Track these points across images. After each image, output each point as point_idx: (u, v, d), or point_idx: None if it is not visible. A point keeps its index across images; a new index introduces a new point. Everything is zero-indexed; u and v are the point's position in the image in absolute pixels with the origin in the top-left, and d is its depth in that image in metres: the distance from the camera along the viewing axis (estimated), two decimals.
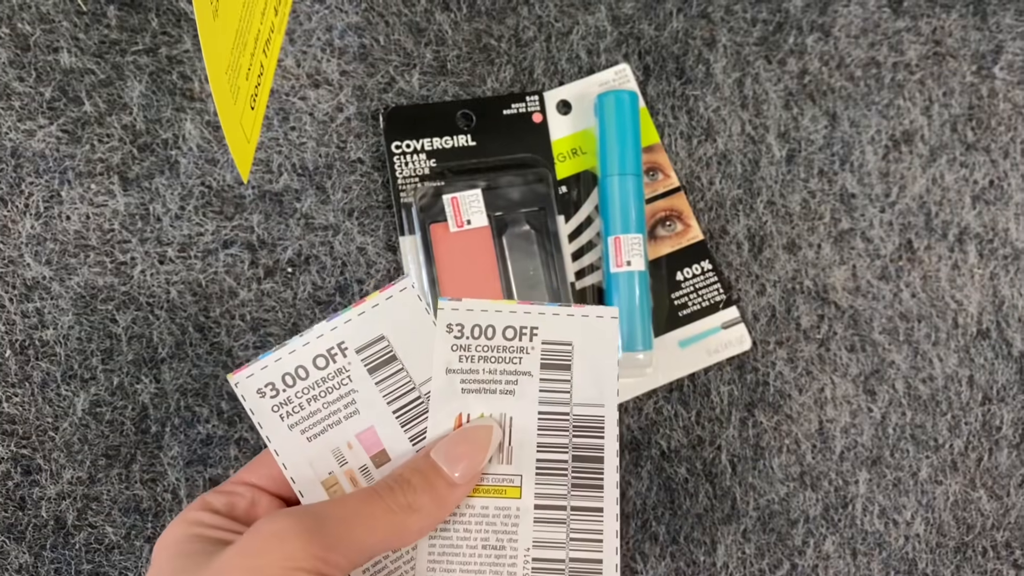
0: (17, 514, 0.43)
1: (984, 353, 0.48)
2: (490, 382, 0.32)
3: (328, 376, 0.32)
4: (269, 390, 0.32)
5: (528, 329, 0.32)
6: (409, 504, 0.30)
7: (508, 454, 0.32)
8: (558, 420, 0.32)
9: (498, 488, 0.32)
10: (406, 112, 0.46)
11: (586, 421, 0.32)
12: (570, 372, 0.32)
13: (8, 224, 0.44)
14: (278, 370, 0.32)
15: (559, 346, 0.32)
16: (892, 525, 0.47)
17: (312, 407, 0.32)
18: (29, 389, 0.43)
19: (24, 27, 0.45)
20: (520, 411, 0.32)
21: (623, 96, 0.46)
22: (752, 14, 0.49)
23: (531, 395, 0.32)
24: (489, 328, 0.32)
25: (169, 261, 0.45)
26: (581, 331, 0.32)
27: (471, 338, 0.32)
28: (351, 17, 0.47)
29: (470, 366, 0.32)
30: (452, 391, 0.32)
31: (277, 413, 0.32)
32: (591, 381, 0.32)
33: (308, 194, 0.46)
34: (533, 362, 0.32)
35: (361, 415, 0.32)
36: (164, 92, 0.46)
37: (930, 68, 0.50)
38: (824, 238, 0.48)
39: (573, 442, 0.32)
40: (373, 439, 0.32)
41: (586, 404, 0.32)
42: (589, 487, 0.32)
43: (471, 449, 0.31)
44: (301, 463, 0.32)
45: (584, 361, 0.32)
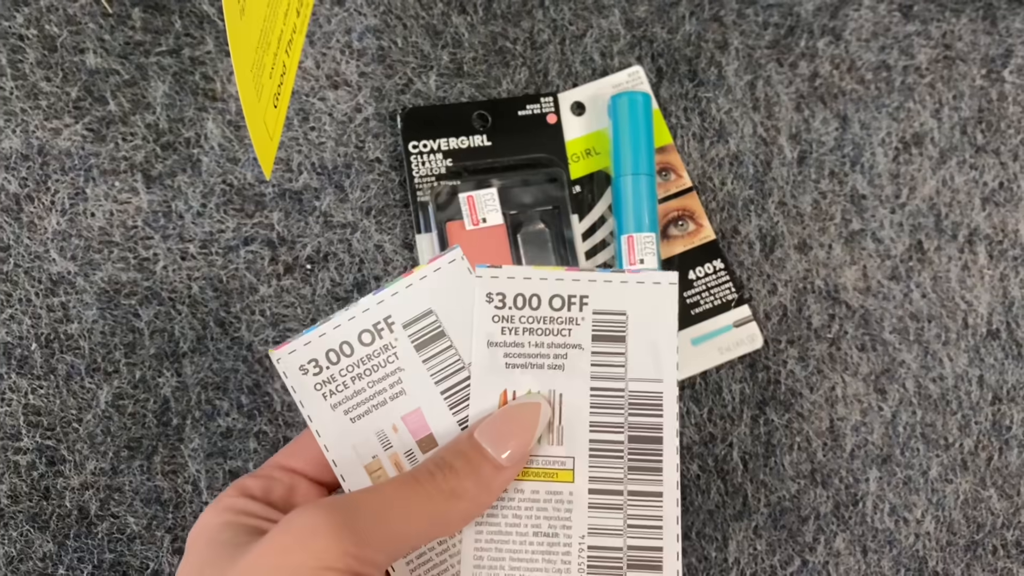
0: (42, 504, 0.43)
1: (994, 353, 0.49)
2: (537, 356, 0.30)
3: (374, 353, 0.30)
4: (312, 367, 0.30)
5: (577, 298, 0.30)
6: (452, 490, 0.28)
7: (559, 434, 0.30)
8: (612, 397, 0.30)
9: (549, 471, 0.30)
10: (423, 113, 0.47)
11: (643, 398, 0.30)
12: (625, 344, 0.30)
13: (35, 220, 0.45)
14: (322, 346, 0.30)
15: (612, 316, 0.30)
16: (902, 523, 0.47)
17: (356, 386, 0.30)
18: (54, 381, 0.44)
19: (51, 29, 0.46)
20: (571, 387, 0.30)
21: (636, 97, 0.46)
22: (764, 18, 0.50)
23: (582, 370, 0.30)
24: (534, 297, 0.30)
25: (191, 257, 0.46)
26: (636, 299, 0.30)
27: (514, 308, 0.30)
28: (370, 20, 0.48)
29: (514, 339, 0.30)
30: (495, 366, 0.30)
31: (320, 392, 0.30)
32: (648, 354, 0.30)
33: (327, 193, 0.47)
34: (584, 334, 0.30)
35: (408, 396, 0.30)
36: (187, 92, 0.47)
37: (940, 71, 0.51)
38: (835, 238, 0.49)
39: (629, 421, 0.30)
40: (420, 422, 0.30)
41: (643, 379, 0.30)
42: (647, 470, 0.30)
43: (518, 428, 0.29)
44: (343, 445, 0.30)
45: (640, 332, 0.30)
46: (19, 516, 0.43)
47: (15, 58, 0.46)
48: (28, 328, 0.44)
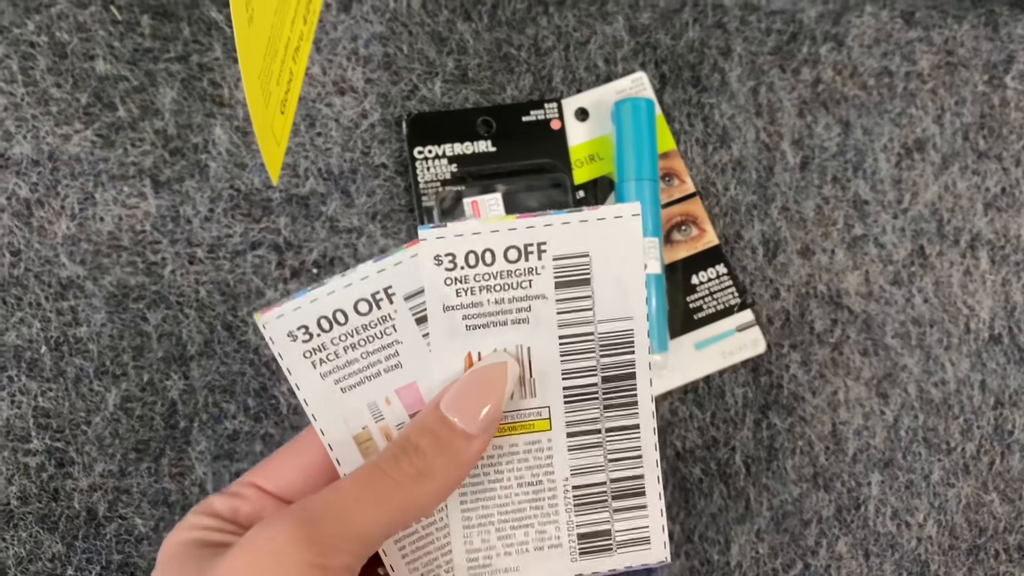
0: (51, 505, 0.44)
1: (996, 358, 0.49)
2: (498, 313, 0.29)
3: (371, 323, 0.28)
4: (301, 333, 0.28)
5: (535, 246, 0.28)
6: (420, 471, 0.27)
7: (531, 386, 0.29)
8: (582, 342, 0.29)
9: (525, 424, 0.29)
10: (428, 119, 0.48)
11: (614, 338, 0.29)
12: (590, 287, 0.29)
13: (44, 225, 0.46)
14: (314, 312, 0.28)
15: (574, 259, 0.29)
16: (904, 527, 0.47)
17: (349, 356, 0.29)
18: (63, 384, 0.45)
19: (62, 36, 0.47)
20: (538, 339, 0.29)
21: (640, 103, 0.47)
22: (767, 24, 0.51)
23: (548, 320, 0.29)
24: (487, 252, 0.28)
25: (199, 262, 0.46)
26: (598, 237, 0.28)
27: (467, 267, 0.28)
28: (376, 27, 0.49)
29: (471, 299, 0.28)
30: (455, 330, 0.28)
31: (309, 360, 0.28)
32: (615, 292, 0.29)
33: (333, 198, 0.47)
34: (546, 283, 0.28)
35: (404, 369, 0.29)
36: (195, 98, 0.47)
37: (942, 78, 0.51)
38: (837, 243, 0.49)
39: (601, 362, 0.29)
40: (415, 396, 0.29)
41: (612, 319, 0.29)
42: (623, 406, 0.29)
43: (485, 392, 0.28)
44: (332, 415, 0.29)
45: (605, 271, 0.28)
46: (28, 517, 0.44)
47: (26, 65, 0.46)
48: (38, 331, 0.45)
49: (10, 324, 0.45)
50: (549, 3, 0.50)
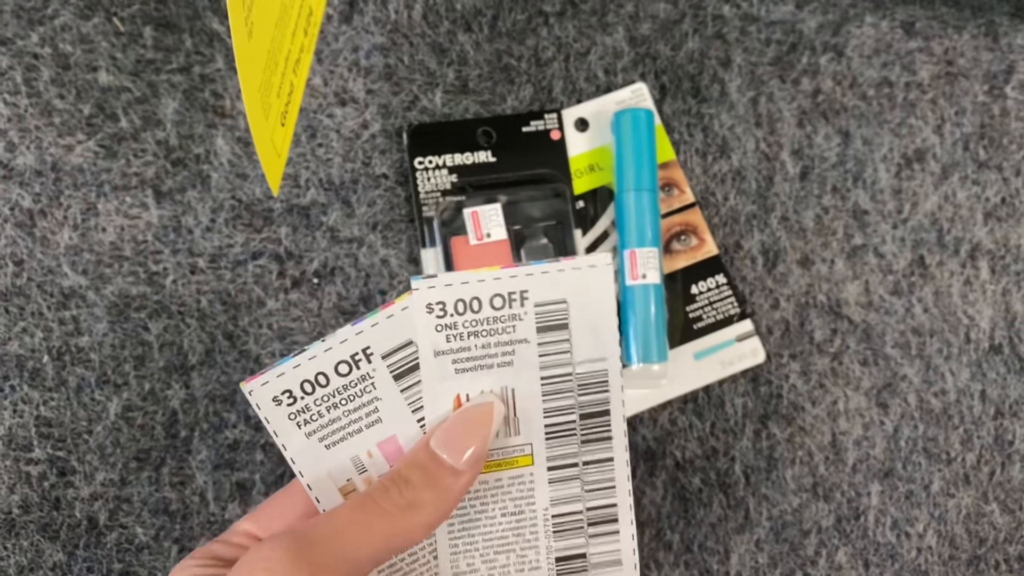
0: (52, 514, 0.44)
1: (996, 368, 0.49)
2: (485, 356, 0.31)
3: (351, 383, 0.30)
4: (286, 397, 0.30)
5: (518, 294, 0.30)
6: (409, 503, 0.28)
7: (515, 425, 0.31)
8: (562, 382, 0.31)
9: (510, 460, 0.31)
10: (429, 129, 0.48)
11: (590, 378, 0.31)
12: (568, 331, 0.31)
13: (47, 235, 0.46)
14: (297, 377, 0.30)
15: (553, 305, 0.31)
16: (904, 537, 0.47)
17: (332, 415, 0.31)
18: (65, 394, 0.45)
19: (65, 47, 0.47)
20: (521, 380, 0.31)
21: (639, 114, 0.47)
22: (766, 35, 0.51)
23: (531, 362, 0.31)
24: (474, 300, 0.30)
25: (200, 271, 0.46)
26: (574, 285, 0.31)
27: (456, 315, 0.30)
28: (377, 38, 0.49)
29: (460, 344, 0.30)
30: (445, 374, 0.30)
31: (294, 421, 0.30)
32: (591, 335, 0.31)
33: (334, 208, 0.47)
34: (528, 328, 0.31)
35: (384, 424, 0.31)
36: (197, 109, 0.48)
37: (942, 88, 0.51)
38: (837, 253, 0.49)
39: (579, 400, 0.31)
40: (394, 448, 0.31)
41: (588, 360, 0.31)
42: (598, 440, 0.32)
43: (473, 431, 0.29)
44: (318, 470, 0.31)
45: (581, 316, 0.31)
46: (30, 526, 0.44)
47: (29, 76, 0.47)
48: (40, 341, 0.45)
49: (12, 333, 0.45)
50: (549, 14, 0.50)
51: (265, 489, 0.45)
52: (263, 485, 0.45)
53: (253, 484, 0.45)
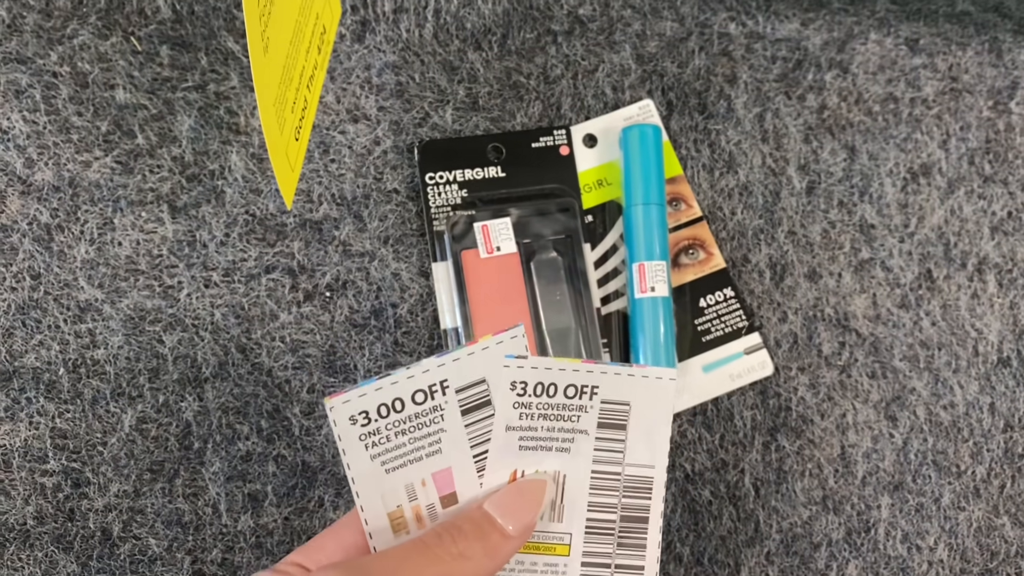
0: (66, 525, 0.44)
1: (1005, 381, 0.49)
2: (547, 439, 0.33)
3: (423, 412, 0.32)
4: (362, 418, 0.32)
5: (589, 388, 0.32)
6: (460, 552, 0.30)
7: (559, 512, 0.33)
8: (610, 480, 0.33)
9: (548, 546, 0.33)
10: (439, 145, 0.49)
11: (636, 482, 0.33)
12: (625, 432, 0.33)
13: (64, 249, 0.47)
14: (375, 399, 0.32)
15: (617, 406, 0.33)
16: (915, 550, 0.47)
17: (399, 440, 0.32)
18: (80, 406, 0.45)
19: (84, 66, 0.48)
20: (574, 469, 0.33)
21: (647, 130, 0.48)
22: (772, 52, 0.51)
23: (586, 453, 0.33)
24: (552, 386, 0.32)
25: (214, 285, 0.47)
26: (639, 391, 0.33)
27: (533, 396, 0.32)
28: (388, 56, 0.50)
29: (530, 423, 0.32)
30: (510, 448, 0.32)
31: (363, 442, 0.32)
32: (644, 442, 0.33)
33: (346, 222, 0.48)
34: (591, 421, 0.33)
35: (443, 455, 0.32)
36: (212, 126, 0.48)
37: (947, 103, 0.52)
38: (844, 267, 0.49)
39: (622, 502, 0.33)
40: (447, 480, 0.32)
41: (638, 465, 0.33)
42: (634, 546, 0.33)
43: (525, 503, 0.31)
44: (373, 491, 0.32)
45: (639, 421, 0.33)
46: (44, 537, 0.44)
47: (49, 94, 0.48)
48: (56, 354, 0.46)
49: (29, 346, 0.46)
50: (558, 33, 0.51)
51: (277, 501, 0.45)
52: (275, 496, 0.45)
53: (265, 496, 0.45)
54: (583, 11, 0.51)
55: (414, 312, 0.48)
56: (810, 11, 0.52)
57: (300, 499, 0.46)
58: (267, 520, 0.45)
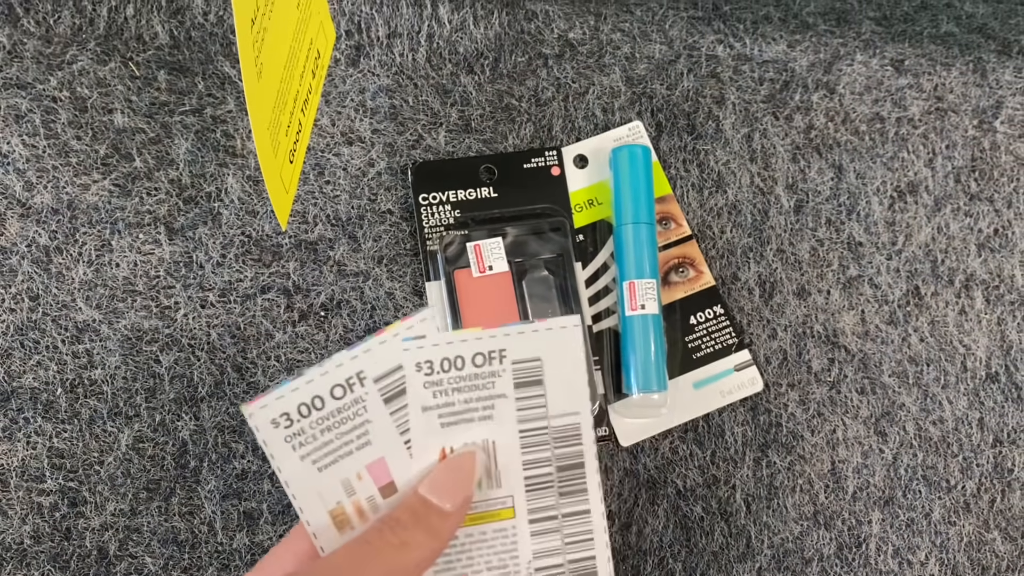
0: (63, 544, 0.45)
1: (993, 396, 0.49)
2: (467, 411, 0.33)
3: (344, 406, 0.32)
4: (283, 420, 0.32)
5: (497, 352, 0.33)
6: (402, 542, 0.30)
7: (496, 477, 0.33)
8: (539, 435, 0.33)
9: (493, 512, 0.33)
10: (433, 167, 0.49)
11: (565, 431, 0.34)
12: (543, 387, 0.33)
13: (63, 271, 0.47)
14: (294, 400, 0.32)
15: (529, 363, 0.33)
16: (906, 565, 0.48)
17: (325, 437, 0.32)
18: (77, 425, 0.46)
19: (82, 91, 0.49)
20: (501, 433, 0.33)
21: (637, 150, 0.48)
22: (759, 73, 0.52)
23: (510, 416, 0.33)
24: (458, 359, 0.33)
25: (210, 305, 0.48)
26: (547, 344, 0.33)
27: (441, 372, 0.33)
28: (382, 80, 0.51)
29: (445, 399, 0.33)
30: (431, 428, 0.33)
31: (290, 444, 0.32)
32: (564, 391, 0.33)
33: (341, 243, 0.49)
34: (506, 384, 0.33)
35: (373, 446, 0.32)
36: (208, 149, 0.49)
37: (932, 123, 0.52)
38: (833, 284, 0.50)
39: (555, 453, 0.33)
40: (383, 470, 0.32)
41: (562, 415, 0.33)
42: (575, 492, 0.34)
43: (458, 477, 0.32)
44: (310, 493, 0.32)
45: (555, 373, 0.33)
46: (41, 556, 0.45)
47: (48, 119, 0.49)
48: (54, 374, 0.46)
49: (27, 367, 0.46)
50: (548, 56, 0.52)
51: (272, 519, 0.46)
52: (270, 515, 0.46)
53: (261, 514, 0.46)
54: (573, 35, 0.52)
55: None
56: (796, 33, 0.53)
57: (295, 517, 0.46)
58: (262, 538, 0.46)
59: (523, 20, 0.52)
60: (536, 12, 0.52)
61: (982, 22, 0.56)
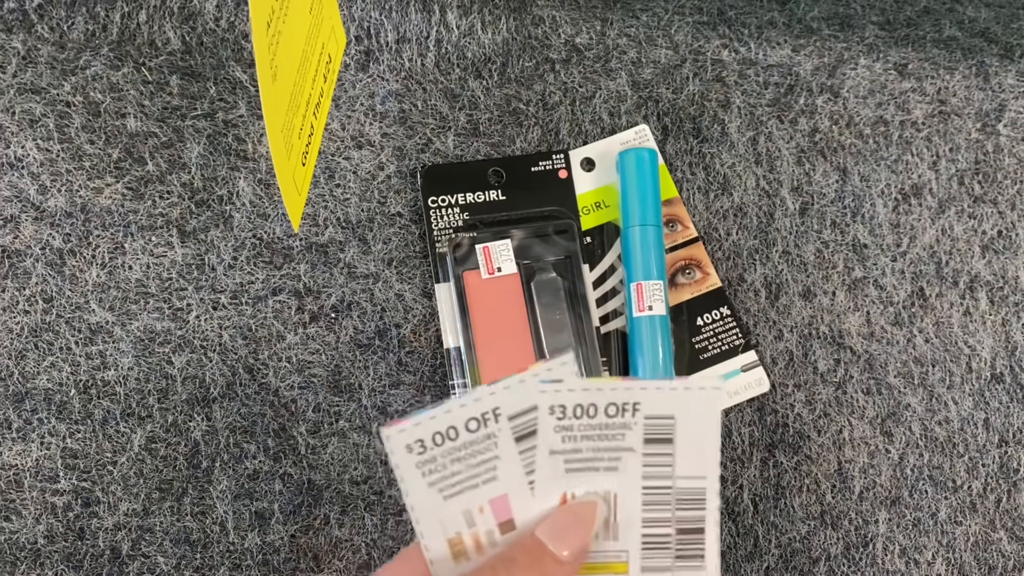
0: (76, 544, 0.45)
1: (999, 396, 0.50)
2: (593, 460, 0.32)
3: (477, 439, 0.32)
4: (417, 446, 0.32)
5: (630, 405, 0.32)
6: None
7: (614, 531, 0.32)
8: (662, 495, 0.32)
9: (605, 564, 0.33)
10: (442, 170, 0.50)
11: (689, 494, 0.33)
12: (673, 446, 0.32)
13: (76, 273, 0.48)
14: (431, 428, 0.32)
15: (662, 420, 0.32)
16: (913, 565, 0.48)
17: (455, 468, 0.32)
18: (91, 426, 0.46)
19: (96, 95, 0.50)
20: (624, 487, 0.32)
21: (643, 153, 0.49)
22: (764, 78, 0.53)
23: (635, 471, 0.32)
24: (591, 407, 0.32)
25: (222, 307, 0.48)
26: (683, 403, 0.32)
27: (573, 418, 0.32)
28: (392, 84, 0.51)
29: (573, 446, 0.32)
30: (556, 472, 0.32)
31: (420, 470, 0.32)
32: (693, 452, 0.32)
33: (351, 245, 0.49)
34: (636, 438, 0.32)
35: (498, 481, 0.32)
36: (220, 153, 0.50)
37: (936, 126, 0.53)
38: (838, 286, 0.51)
39: (676, 515, 0.33)
40: (504, 506, 0.32)
41: (689, 476, 0.32)
42: (691, 557, 0.33)
43: (577, 525, 0.31)
44: (432, 519, 0.32)
45: (686, 433, 0.32)
46: (55, 556, 0.45)
47: (62, 123, 0.49)
48: (68, 375, 0.47)
49: (41, 368, 0.47)
50: (556, 61, 0.53)
51: (284, 519, 0.46)
52: (282, 515, 0.46)
53: (272, 514, 0.46)
54: (580, 40, 0.53)
55: (417, 332, 0.49)
56: (801, 38, 0.54)
57: (306, 517, 0.46)
58: (274, 538, 0.46)
59: (530, 25, 0.53)
60: (543, 17, 0.53)
61: (984, 26, 0.57)
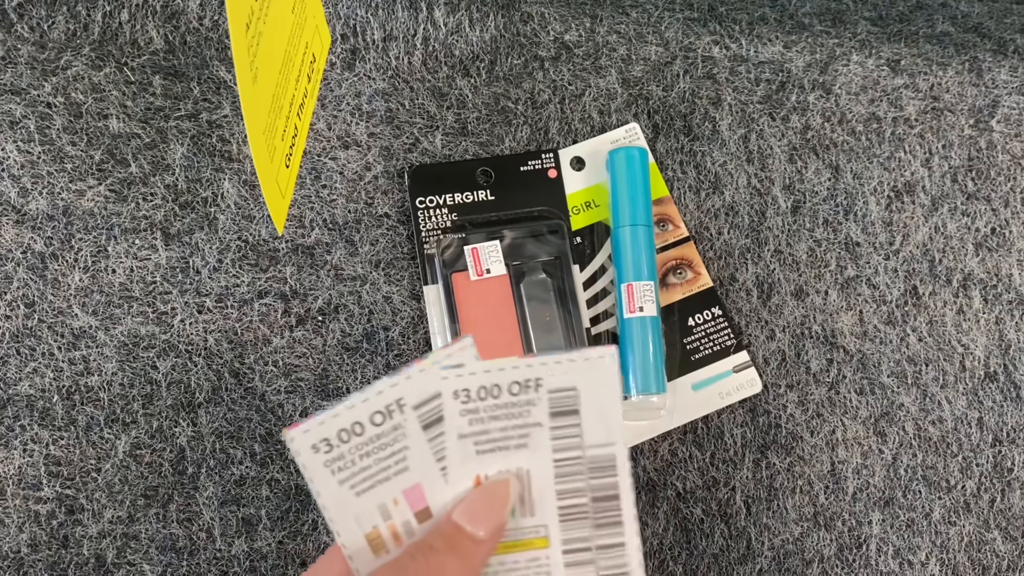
0: (60, 552, 0.45)
1: (992, 395, 0.49)
2: (503, 439, 0.33)
3: (383, 432, 0.32)
4: (323, 445, 0.32)
5: (533, 381, 0.33)
6: (434, 568, 0.30)
7: (530, 506, 0.33)
8: (573, 465, 0.33)
9: (526, 541, 0.33)
10: (429, 170, 0.49)
11: (600, 461, 0.33)
12: (579, 416, 0.33)
13: (59, 277, 0.47)
14: (335, 426, 0.32)
15: (565, 392, 0.33)
16: (907, 565, 0.47)
17: (363, 463, 0.32)
18: (74, 432, 0.46)
19: (77, 96, 0.49)
20: (535, 462, 0.33)
21: (633, 152, 0.48)
22: (755, 74, 0.52)
23: (544, 445, 0.33)
24: (495, 387, 0.33)
25: (207, 311, 0.47)
26: (583, 374, 0.33)
27: (478, 400, 0.33)
28: (378, 83, 0.51)
29: (481, 427, 0.33)
30: (467, 455, 0.33)
31: (328, 468, 0.32)
32: (599, 421, 0.33)
33: (338, 247, 0.49)
34: (542, 412, 0.33)
35: (410, 471, 0.33)
36: (204, 154, 0.49)
37: (929, 122, 0.52)
38: (831, 285, 0.50)
39: (590, 483, 0.33)
40: (419, 496, 0.33)
41: (597, 445, 0.33)
42: (610, 524, 0.33)
43: (491, 504, 0.32)
44: (347, 517, 0.33)
45: (590, 402, 0.33)
46: (38, 565, 0.44)
47: (43, 124, 0.48)
48: (50, 381, 0.46)
49: (23, 374, 0.46)
50: (544, 59, 0.52)
51: (271, 524, 0.46)
52: (269, 521, 0.46)
53: (259, 520, 0.46)
54: (569, 37, 0.52)
55: (406, 335, 0.48)
56: (792, 34, 0.53)
57: (294, 522, 0.46)
58: (261, 544, 0.45)
59: (519, 23, 0.52)
60: (532, 14, 0.52)
61: (977, 21, 0.56)
